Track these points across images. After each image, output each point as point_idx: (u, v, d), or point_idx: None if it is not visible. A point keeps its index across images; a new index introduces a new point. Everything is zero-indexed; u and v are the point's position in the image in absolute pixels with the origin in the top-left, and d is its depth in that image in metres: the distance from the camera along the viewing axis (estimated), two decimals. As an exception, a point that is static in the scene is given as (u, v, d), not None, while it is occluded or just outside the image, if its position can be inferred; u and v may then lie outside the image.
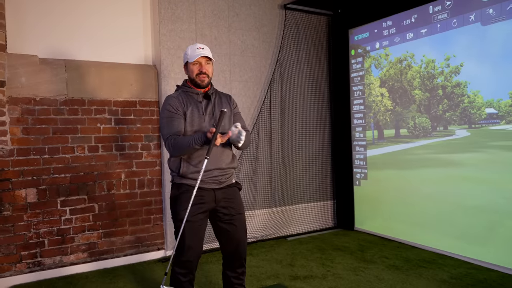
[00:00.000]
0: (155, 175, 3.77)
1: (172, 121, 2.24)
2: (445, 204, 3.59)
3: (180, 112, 2.26)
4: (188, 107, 2.28)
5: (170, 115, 2.25)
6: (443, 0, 3.56)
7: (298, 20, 4.45)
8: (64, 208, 3.38)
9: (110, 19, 3.67)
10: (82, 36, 3.55)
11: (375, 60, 4.26)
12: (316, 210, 4.61)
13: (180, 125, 2.24)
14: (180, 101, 2.28)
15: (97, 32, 3.61)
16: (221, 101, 2.39)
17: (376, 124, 4.30)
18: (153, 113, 3.77)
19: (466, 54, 3.42)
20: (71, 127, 3.42)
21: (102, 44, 3.63)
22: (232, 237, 2.31)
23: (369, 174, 4.36)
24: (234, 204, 2.33)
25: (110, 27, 3.67)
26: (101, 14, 3.64)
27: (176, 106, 2.26)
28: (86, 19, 3.57)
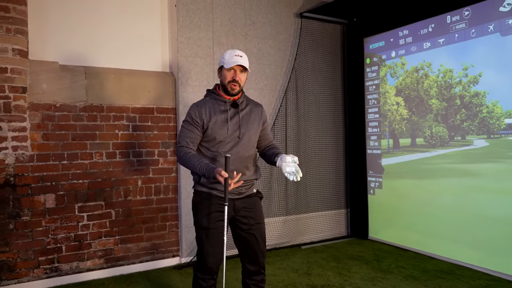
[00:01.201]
0: (171, 181, 3.79)
1: (186, 131, 2.25)
2: (463, 214, 3.58)
3: (199, 123, 2.25)
4: (212, 117, 2.25)
5: (187, 125, 2.27)
6: (461, 10, 3.58)
7: (313, 28, 4.49)
8: (81, 214, 3.41)
9: (128, 27, 3.72)
10: (101, 43, 3.60)
11: (391, 69, 4.27)
12: (330, 219, 4.61)
13: (193, 136, 2.24)
14: (202, 111, 2.26)
15: (116, 39, 3.66)
16: (250, 112, 2.35)
17: (392, 133, 4.30)
18: (170, 120, 3.80)
19: (485, 64, 3.43)
20: (89, 133, 3.45)
21: (121, 51, 3.68)
22: (251, 246, 2.32)
23: (384, 183, 4.35)
24: (253, 213, 2.33)
25: (128, 35, 3.72)
26: (120, 21, 3.69)
27: (195, 117, 2.25)
28: (105, 26, 3.62)
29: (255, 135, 2.35)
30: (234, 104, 2.32)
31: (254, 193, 2.40)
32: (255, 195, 2.40)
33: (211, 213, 2.23)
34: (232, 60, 2.24)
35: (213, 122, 2.26)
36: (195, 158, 2.16)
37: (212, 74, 3.92)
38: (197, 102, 2.37)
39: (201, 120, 2.26)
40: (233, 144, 2.27)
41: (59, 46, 3.44)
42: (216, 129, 2.26)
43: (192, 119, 2.26)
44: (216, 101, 2.32)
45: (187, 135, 2.25)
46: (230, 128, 2.27)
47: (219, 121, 2.27)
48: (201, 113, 2.27)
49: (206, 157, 2.28)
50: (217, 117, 2.27)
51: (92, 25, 3.57)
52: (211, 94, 2.36)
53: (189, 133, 2.26)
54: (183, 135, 2.27)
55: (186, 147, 2.23)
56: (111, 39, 3.64)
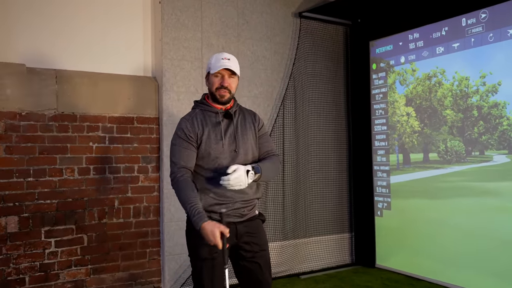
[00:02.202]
0: (152, 202, 3.75)
1: (180, 149, 2.22)
2: (482, 238, 3.61)
3: (193, 139, 2.24)
4: (204, 130, 2.25)
5: (180, 143, 2.23)
6: (478, 12, 3.67)
7: (313, 30, 4.54)
8: (49, 239, 3.34)
9: (106, 25, 3.70)
10: (75, 43, 3.57)
11: (400, 75, 4.34)
12: (333, 244, 4.61)
13: (189, 154, 2.22)
14: (194, 125, 2.25)
15: (91, 39, 3.64)
16: (244, 121, 2.36)
17: (401, 147, 4.35)
18: (152, 131, 3.77)
19: (505, 72, 3.50)
20: (60, 146, 3.40)
21: (97, 52, 3.65)
22: (255, 277, 2.29)
23: (393, 204, 4.38)
24: (257, 239, 2.31)
25: (106, 34, 3.70)
26: (97, 19, 3.67)
27: (188, 132, 2.24)
28: (80, 25, 3.60)
29: (253, 146, 2.35)
30: (226, 114, 2.31)
31: (257, 215, 2.38)
32: (258, 217, 2.38)
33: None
34: (218, 64, 2.25)
35: (206, 135, 2.25)
36: (189, 196, 2.14)
37: (201, 79, 3.92)
38: (185, 115, 2.35)
39: (195, 134, 2.24)
40: (230, 159, 2.26)
41: (26, 47, 3.40)
42: (211, 143, 2.25)
43: (185, 135, 2.23)
44: (207, 113, 2.31)
45: (182, 154, 2.21)
46: (225, 141, 2.26)
47: (213, 134, 2.26)
48: (193, 127, 2.25)
49: (202, 178, 2.26)
50: (209, 130, 2.27)
51: (64, 23, 3.55)
52: (200, 105, 2.35)
53: (184, 151, 2.22)
54: (177, 155, 2.22)
55: (183, 169, 2.19)
56: (86, 39, 3.62)
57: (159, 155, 3.78)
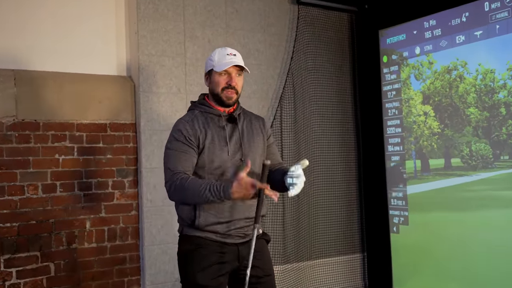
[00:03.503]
0: (130, 222, 3.75)
1: (179, 154, 2.23)
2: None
3: (194, 143, 2.25)
4: (207, 134, 2.27)
5: (178, 147, 2.24)
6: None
7: (314, 18, 4.59)
8: (9, 269, 3.32)
9: (73, 18, 3.71)
10: (36, 39, 3.58)
11: (415, 69, 4.38)
12: (342, 267, 4.62)
13: (189, 159, 2.23)
14: (195, 127, 2.27)
15: (56, 34, 3.65)
16: (251, 127, 2.39)
17: (419, 152, 4.38)
18: (129, 139, 3.78)
19: (536, 63, 3.55)
20: (20, 160, 3.40)
21: (62, 49, 3.66)
22: None
23: (411, 218, 4.40)
24: (261, 262, 2.34)
25: (72, 28, 3.71)
26: (62, 11, 3.68)
27: (188, 135, 2.25)
28: (42, 17, 3.61)
29: (261, 155, 2.39)
30: (230, 117, 2.34)
31: (260, 234, 2.41)
32: (262, 237, 2.42)
33: (209, 265, 2.22)
34: (225, 61, 2.28)
35: (210, 140, 2.27)
36: (198, 182, 2.14)
37: (184, 77, 3.94)
38: (184, 116, 2.37)
39: (196, 138, 2.26)
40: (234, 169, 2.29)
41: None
42: (215, 150, 2.27)
43: (184, 137, 2.25)
44: (208, 115, 2.33)
45: (181, 159, 2.21)
46: (231, 149, 2.29)
47: (217, 140, 2.29)
48: (194, 129, 2.27)
49: None
50: (213, 134, 2.29)
51: (25, 15, 3.55)
52: (200, 107, 2.36)
53: (183, 156, 2.22)
54: (174, 161, 2.22)
55: (180, 174, 2.19)
56: (50, 34, 3.62)
57: (137, 168, 3.79)
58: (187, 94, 3.93)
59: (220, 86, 2.31)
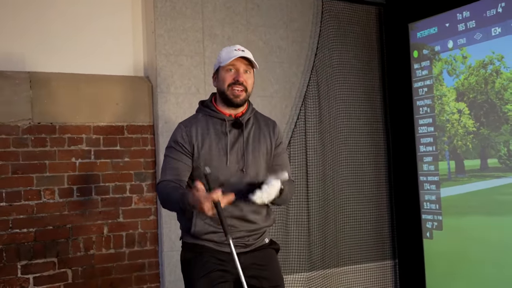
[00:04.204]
0: (149, 227, 3.79)
1: (170, 160, 2.27)
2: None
3: (187, 150, 2.26)
4: (204, 143, 2.25)
5: (171, 152, 2.28)
6: (542, -18, 3.63)
7: (339, 12, 4.56)
8: (26, 276, 3.39)
9: (88, 18, 3.78)
10: (51, 40, 3.65)
11: (448, 64, 4.31)
12: (372, 274, 4.58)
13: (179, 167, 2.25)
14: (191, 133, 2.27)
15: (71, 34, 3.71)
16: (258, 133, 2.34)
17: (453, 152, 4.30)
18: (147, 142, 3.82)
19: None
20: (36, 164, 3.47)
21: (78, 50, 3.73)
22: None
23: (445, 222, 4.33)
24: (267, 273, 2.32)
25: (88, 28, 3.77)
26: (77, 11, 3.75)
27: (183, 141, 2.27)
28: (56, 18, 3.68)
29: (265, 166, 2.35)
30: (236, 122, 2.31)
31: (267, 243, 2.40)
32: (268, 246, 2.40)
33: (209, 272, 2.22)
34: (231, 54, 2.26)
35: (206, 149, 2.26)
36: (175, 192, 2.15)
37: (203, 77, 3.96)
38: (184, 120, 2.38)
39: (190, 145, 2.26)
40: (236, 180, 2.27)
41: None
42: (212, 159, 2.25)
43: (178, 143, 2.27)
44: (211, 119, 2.31)
45: (171, 167, 2.25)
46: (230, 158, 2.26)
47: (216, 148, 2.27)
48: (190, 135, 2.27)
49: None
50: (211, 141, 2.27)
51: (41, 16, 3.62)
52: (204, 110, 2.36)
53: (174, 163, 2.26)
54: (166, 167, 2.28)
55: (167, 182, 2.22)
56: (65, 34, 3.69)
57: (156, 171, 3.82)
58: (206, 94, 3.93)
59: (226, 83, 2.27)
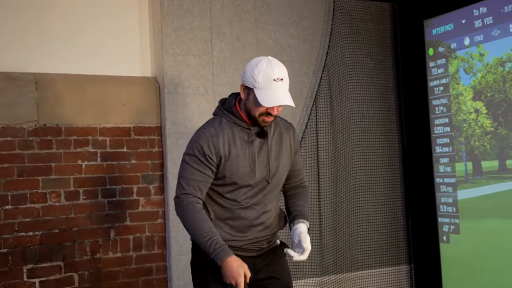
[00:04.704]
0: (156, 231, 3.80)
1: (194, 171, 2.21)
2: None
3: (213, 162, 2.21)
4: (231, 153, 2.22)
5: (195, 162, 2.21)
6: (562, -25, 3.59)
7: (352, 9, 4.55)
8: (32, 279, 3.42)
9: (94, 18, 3.81)
10: (56, 41, 3.68)
11: (465, 62, 4.28)
12: (386, 279, 4.56)
13: (204, 180, 2.22)
14: (219, 143, 2.21)
15: (76, 34, 3.75)
16: (280, 140, 2.33)
17: (470, 153, 4.27)
18: (154, 143, 3.84)
19: None
20: (42, 166, 3.50)
21: (84, 50, 3.76)
22: None
23: (462, 226, 4.29)
24: (279, 274, 2.36)
25: (94, 28, 3.80)
26: (82, 11, 3.78)
27: (210, 153, 2.20)
28: (62, 18, 3.72)
29: (286, 173, 2.38)
30: (261, 132, 2.28)
31: (278, 245, 2.43)
32: (279, 247, 2.43)
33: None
34: (270, 92, 2.16)
35: (233, 159, 2.23)
36: (204, 222, 2.18)
37: (211, 77, 3.98)
38: (207, 126, 2.29)
39: (217, 156, 2.22)
40: (258, 189, 2.29)
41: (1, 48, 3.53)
42: (238, 170, 2.24)
43: (204, 154, 2.20)
44: (236, 126, 2.27)
45: (195, 179, 2.21)
46: (258, 169, 2.26)
47: (242, 158, 2.25)
48: (217, 146, 2.21)
49: (217, 205, 2.30)
50: (238, 152, 2.25)
51: (43, 17, 3.66)
52: (228, 115, 2.28)
53: (198, 175, 2.21)
54: (189, 177, 2.22)
55: (192, 197, 2.21)
56: (71, 35, 3.73)
57: (163, 173, 3.85)
58: (215, 95, 3.96)
59: (258, 111, 2.21)
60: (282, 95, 2.18)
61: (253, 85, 2.19)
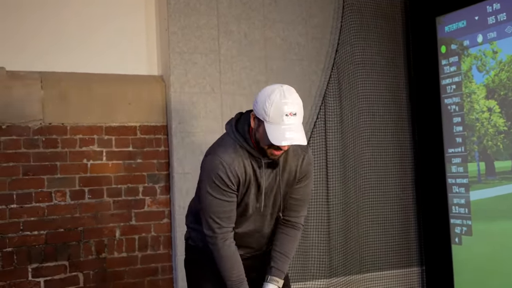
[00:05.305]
0: (162, 231, 3.82)
1: (223, 205, 2.17)
2: None
3: (234, 187, 2.17)
4: (250, 181, 2.19)
5: (218, 193, 2.16)
6: None
7: (362, 6, 4.52)
8: (37, 279, 3.45)
9: (100, 16, 3.84)
10: (63, 40, 3.72)
11: (478, 59, 4.23)
12: (397, 282, 4.53)
13: (234, 212, 2.20)
14: (238, 173, 2.16)
15: (82, 32, 3.78)
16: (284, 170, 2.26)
17: (483, 153, 4.22)
18: (160, 142, 3.85)
19: None
20: (48, 165, 3.53)
21: (90, 49, 3.78)
22: None
23: (475, 228, 4.24)
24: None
25: (100, 26, 3.83)
26: (88, 9, 3.81)
27: (229, 182, 2.15)
28: (67, 17, 3.75)
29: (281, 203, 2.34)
30: (271, 163, 2.23)
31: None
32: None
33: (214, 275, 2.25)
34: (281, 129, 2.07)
35: (247, 189, 2.22)
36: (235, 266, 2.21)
37: (218, 75, 3.98)
38: (222, 153, 2.20)
39: (237, 183, 2.18)
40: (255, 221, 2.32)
41: (6, 46, 3.57)
42: (249, 201, 2.23)
43: (226, 184, 2.15)
44: (249, 155, 2.21)
45: (225, 210, 2.18)
46: (264, 200, 2.24)
47: (254, 189, 2.23)
48: (236, 175, 2.17)
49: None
50: (251, 182, 2.22)
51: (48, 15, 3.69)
52: (241, 142, 2.21)
53: (227, 205, 2.18)
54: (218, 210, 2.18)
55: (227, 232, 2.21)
56: (76, 33, 3.76)
57: (169, 173, 3.85)
58: (222, 93, 3.97)
59: (268, 145, 2.14)
60: (293, 132, 2.07)
61: (263, 118, 2.10)
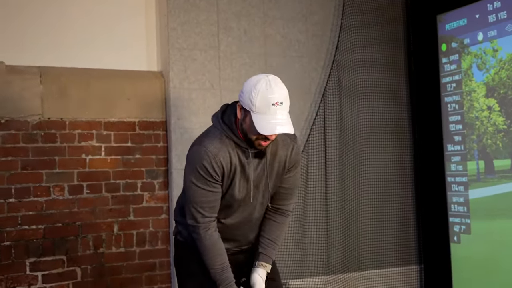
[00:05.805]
0: (160, 226, 3.84)
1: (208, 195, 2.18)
2: None
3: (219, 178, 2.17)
4: (236, 172, 2.19)
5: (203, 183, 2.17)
6: None
7: (363, 3, 4.52)
8: (35, 273, 3.47)
9: (100, 12, 3.85)
10: (62, 35, 3.74)
11: (478, 58, 4.24)
12: (395, 280, 4.53)
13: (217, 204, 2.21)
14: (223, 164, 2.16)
15: (82, 28, 3.79)
16: (273, 160, 2.26)
17: (482, 151, 4.23)
18: (159, 138, 3.87)
19: None
20: (46, 160, 3.55)
21: (89, 44, 3.80)
22: None
23: (473, 226, 4.25)
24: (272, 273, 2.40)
25: (99, 22, 3.84)
26: (88, 5, 3.83)
27: (213, 172, 2.15)
28: (67, 12, 3.77)
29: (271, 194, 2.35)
30: (258, 153, 2.23)
31: None
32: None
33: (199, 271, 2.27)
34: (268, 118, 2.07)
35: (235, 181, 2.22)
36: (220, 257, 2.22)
37: (218, 72, 4.00)
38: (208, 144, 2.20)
39: (221, 174, 2.18)
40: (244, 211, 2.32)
41: (6, 41, 3.59)
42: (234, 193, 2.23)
43: (210, 175, 2.16)
44: (235, 145, 2.21)
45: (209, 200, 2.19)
46: (253, 190, 2.24)
47: (241, 180, 2.23)
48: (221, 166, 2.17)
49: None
50: (238, 174, 2.22)
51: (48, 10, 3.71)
52: (228, 133, 2.21)
53: (210, 195, 2.19)
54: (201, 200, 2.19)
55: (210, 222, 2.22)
56: (76, 28, 3.77)
57: (168, 168, 3.87)
58: (221, 89, 3.99)
59: (254, 135, 2.14)
60: (280, 121, 2.07)
61: (250, 108, 2.09)
